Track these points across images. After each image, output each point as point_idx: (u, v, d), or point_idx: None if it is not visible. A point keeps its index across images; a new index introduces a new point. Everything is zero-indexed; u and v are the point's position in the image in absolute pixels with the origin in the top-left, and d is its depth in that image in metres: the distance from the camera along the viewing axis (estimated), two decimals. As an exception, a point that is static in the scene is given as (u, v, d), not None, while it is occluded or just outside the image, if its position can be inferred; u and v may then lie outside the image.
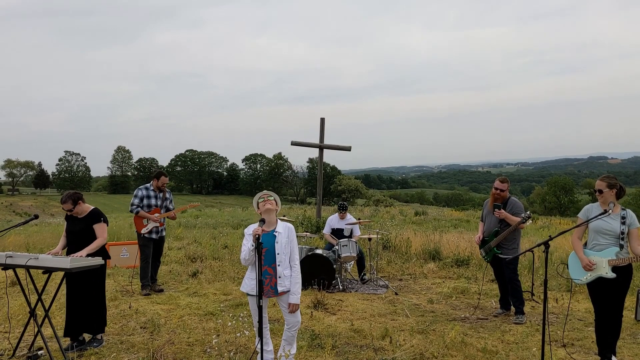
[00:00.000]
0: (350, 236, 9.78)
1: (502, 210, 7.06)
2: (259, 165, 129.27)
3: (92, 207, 5.96)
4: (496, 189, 7.21)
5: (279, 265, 4.82)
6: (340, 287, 8.87)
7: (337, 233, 9.87)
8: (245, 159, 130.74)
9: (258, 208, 4.93)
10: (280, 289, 4.82)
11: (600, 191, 5.15)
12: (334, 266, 8.76)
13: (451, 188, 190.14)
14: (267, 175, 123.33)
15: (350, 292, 8.74)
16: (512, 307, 7.29)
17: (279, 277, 4.82)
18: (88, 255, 5.53)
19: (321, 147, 16.47)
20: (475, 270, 10.48)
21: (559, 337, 6.09)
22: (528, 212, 6.94)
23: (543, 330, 4.80)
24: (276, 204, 4.95)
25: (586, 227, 5.26)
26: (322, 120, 16.56)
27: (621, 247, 5.05)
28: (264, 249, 4.79)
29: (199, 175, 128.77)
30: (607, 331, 5.14)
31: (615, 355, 5.21)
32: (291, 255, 4.92)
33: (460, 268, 10.89)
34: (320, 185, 17.03)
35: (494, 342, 5.98)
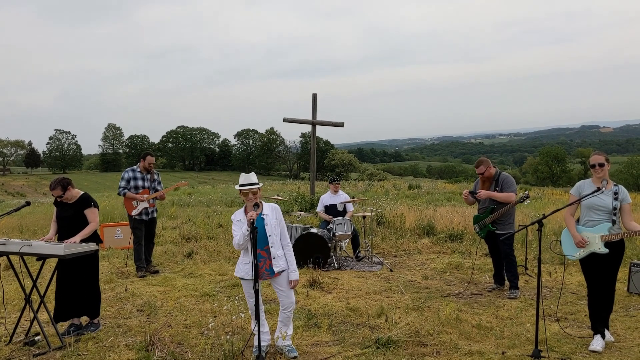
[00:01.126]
0: (343, 212, 9.79)
1: (481, 192, 7.15)
2: (251, 141, 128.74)
3: (82, 192, 5.89)
4: (478, 174, 7.27)
5: (272, 247, 4.84)
6: (336, 265, 8.91)
7: (331, 209, 9.87)
8: (238, 135, 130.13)
9: (240, 193, 4.88)
10: (276, 269, 4.84)
11: (602, 165, 5.10)
12: (329, 245, 8.79)
13: (444, 160, 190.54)
14: (259, 151, 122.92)
15: (346, 270, 8.79)
16: (506, 281, 7.37)
17: (274, 258, 4.83)
18: (82, 241, 5.50)
19: (314, 124, 16.39)
20: (469, 245, 10.54)
21: (552, 312, 6.16)
22: (527, 192, 6.96)
23: (537, 306, 4.84)
24: (258, 188, 4.91)
25: (578, 203, 5.27)
26: (314, 95, 16.45)
27: (613, 222, 5.08)
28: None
29: (191, 151, 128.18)
30: (600, 305, 5.19)
31: (608, 329, 5.27)
32: (282, 235, 4.94)
33: (454, 243, 10.95)
34: (314, 162, 16.99)
35: (489, 317, 6.04)
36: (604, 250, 5.05)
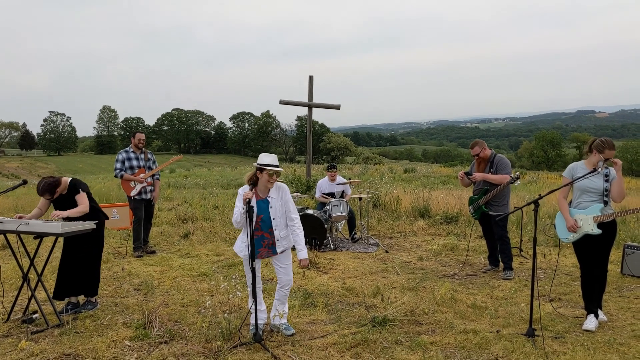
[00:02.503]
0: (342, 195, 9.81)
1: (475, 174, 7.17)
2: (247, 124, 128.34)
3: (70, 180, 5.82)
4: (473, 155, 7.29)
5: (275, 230, 4.87)
6: (332, 247, 8.95)
7: (329, 195, 9.88)
8: (233, 118, 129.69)
9: (261, 172, 4.79)
10: (279, 249, 4.88)
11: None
12: (325, 226, 8.82)
13: (440, 144, 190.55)
14: (255, 134, 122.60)
15: (342, 251, 8.83)
16: (500, 263, 7.43)
17: (277, 240, 4.88)
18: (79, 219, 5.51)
19: (310, 106, 16.34)
20: (464, 227, 10.60)
21: (546, 292, 6.22)
22: (517, 174, 6.98)
23: (532, 286, 4.89)
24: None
25: (571, 186, 5.31)
26: (311, 78, 16.38)
27: (605, 203, 5.13)
28: (259, 216, 4.81)
29: (187, 134, 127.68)
30: (594, 286, 5.25)
31: (601, 309, 5.33)
32: (288, 214, 4.93)
33: (450, 225, 11.01)
34: (310, 145, 16.98)
35: (483, 298, 6.10)
36: (597, 231, 5.10)
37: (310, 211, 8.93)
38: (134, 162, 8.38)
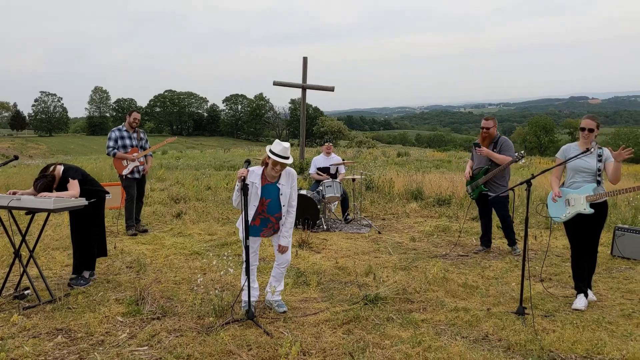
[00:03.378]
0: (335, 175, 9.81)
1: (483, 148, 7.14)
2: (240, 107, 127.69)
3: (62, 169, 5.75)
4: (482, 127, 7.28)
5: (283, 216, 4.88)
6: (325, 227, 8.97)
7: (323, 172, 9.88)
8: (226, 100, 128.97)
9: (269, 157, 4.71)
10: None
11: (592, 130, 5.18)
12: (318, 207, 8.83)
13: (433, 129, 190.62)
14: (248, 117, 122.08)
15: (335, 231, 8.85)
16: (492, 244, 7.53)
17: (282, 224, 4.91)
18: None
19: (304, 88, 16.26)
20: (457, 209, 10.65)
21: (537, 273, 6.27)
22: (523, 152, 7.01)
23: (523, 265, 4.93)
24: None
25: (564, 166, 5.34)
26: (305, 59, 16.28)
27: (598, 183, 5.16)
28: (267, 200, 4.80)
29: (179, 116, 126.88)
30: (583, 266, 5.30)
31: (591, 289, 5.39)
32: (290, 201, 4.92)
33: (442, 207, 11.06)
34: (304, 127, 16.93)
35: (474, 277, 6.14)
36: (589, 210, 5.13)
37: (303, 191, 8.93)
38: (127, 141, 8.33)
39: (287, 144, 4.74)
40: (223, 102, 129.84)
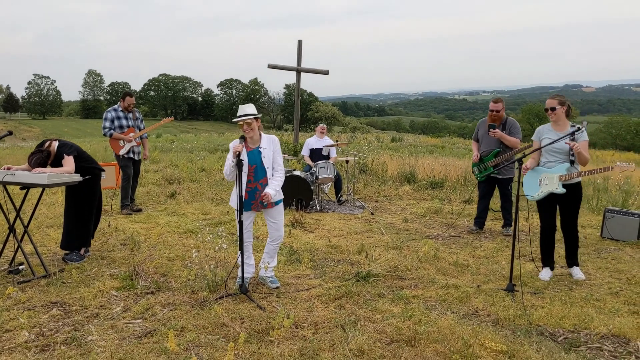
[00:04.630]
0: (327, 157, 9.85)
1: (497, 130, 7.15)
2: (234, 91, 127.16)
3: (57, 145, 5.74)
4: (491, 110, 7.28)
5: (269, 179, 4.90)
6: (318, 208, 9.02)
7: (316, 153, 9.91)
8: (221, 84, 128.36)
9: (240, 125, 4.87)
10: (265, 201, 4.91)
11: (554, 109, 5.28)
12: (312, 187, 8.87)
13: (427, 116, 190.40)
14: (242, 101, 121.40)
15: (328, 212, 8.90)
16: (485, 226, 7.61)
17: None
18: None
19: (298, 71, 16.23)
20: (449, 192, 10.72)
21: (527, 253, 6.35)
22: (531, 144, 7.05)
23: (513, 243, 4.99)
24: (256, 120, 4.89)
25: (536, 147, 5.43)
26: (300, 42, 16.24)
27: (572, 162, 5.24)
28: (252, 166, 4.84)
29: (173, 100, 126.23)
30: (551, 242, 5.49)
31: (577, 265, 5.50)
32: (275, 165, 4.96)
33: (435, 190, 11.12)
34: (298, 111, 16.92)
35: (466, 256, 6.21)
36: (561, 190, 5.22)
37: (297, 172, 8.97)
38: (123, 122, 8.32)
39: (247, 105, 4.90)
40: (217, 87, 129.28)
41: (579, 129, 5.19)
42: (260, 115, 4.94)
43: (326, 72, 16.48)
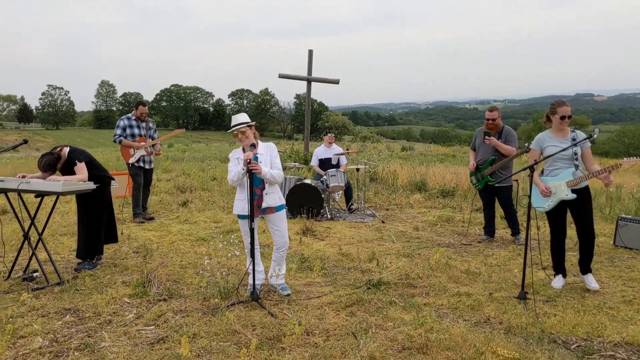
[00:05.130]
0: (337, 166, 9.87)
1: (492, 138, 7.18)
2: (245, 101, 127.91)
3: (68, 151, 5.80)
4: (487, 119, 7.31)
5: (266, 184, 4.93)
6: (328, 216, 9.03)
7: (326, 163, 9.93)
8: (232, 95, 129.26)
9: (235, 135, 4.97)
10: (264, 205, 4.93)
11: (570, 117, 5.22)
12: (322, 196, 8.89)
13: (438, 125, 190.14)
14: (253, 111, 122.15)
15: (338, 220, 8.91)
16: (496, 234, 7.59)
17: (266, 194, 4.93)
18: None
19: (309, 80, 16.32)
20: (461, 201, 10.69)
21: (539, 261, 6.31)
22: (527, 145, 7.03)
23: (525, 251, 4.97)
24: (250, 127, 4.95)
25: (541, 154, 5.35)
26: (310, 52, 16.34)
27: (576, 167, 5.18)
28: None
29: (185, 110, 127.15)
30: (562, 250, 5.43)
31: (591, 272, 5.41)
32: (273, 166, 4.97)
33: (446, 198, 11.10)
34: (308, 119, 17.00)
35: (477, 264, 6.19)
36: (571, 195, 5.16)
37: (307, 181, 8.99)
38: (135, 130, 8.40)
39: (239, 114, 4.97)
40: (229, 97, 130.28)
41: (590, 136, 5.15)
42: (254, 123, 5.00)
43: (336, 82, 16.56)
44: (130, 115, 8.53)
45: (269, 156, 4.99)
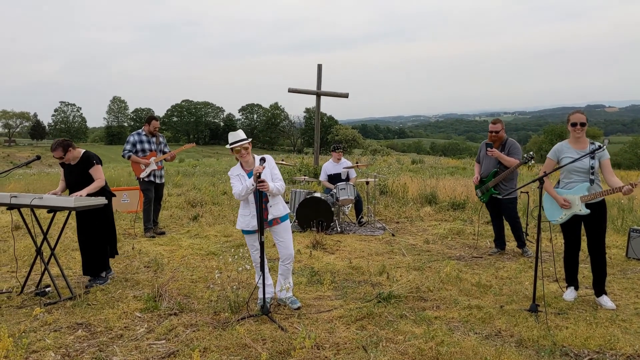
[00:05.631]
0: (347, 179, 9.87)
1: (494, 150, 7.18)
2: (255, 116, 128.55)
3: (83, 151, 5.90)
4: (491, 131, 7.32)
5: (269, 197, 4.95)
6: (338, 229, 9.03)
7: (334, 178, 9.92)
8: (242, 109, 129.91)
9: (232, 152, 5.01)
10: (270, 217, 4.95)
11: (583, 124, 5.17)
12: (332, 209, 8.90)
13: (448, 137, 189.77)
14: (263, 126, 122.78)
15: (348, 234, 8.91)
16: (506, 246, 7.55)
17: (270, 207, 4.96)
18: (89, 195, 5.61)
19: (318, 94, 16.37)
20: (471, 213, 10.65)
21: (551, 274, 6.27)
22: (531, 153, 7.02)
23: (535, 264, 4.95)
24: (248, 143, 4.98)
25: (557, 165, 5.29)
26: (320, 66, 16.42)
27: (592, 182, 5.10)
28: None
29: (196, 125, 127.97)
30: (575, 262, 5.38)
31: (606, 294, 5.27)
32: (273, 177, 5.00)
33: (456, 211, 11.06)
34: (318, 133, 17.05)
35: (488, 277, 6.16)
36: (585, 211, 5.09)
37: (317, 194, 9.01)
38: (146, 145, 8.47)
39: (236, 132, 5.03)
40: (239, 112, 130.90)
41: (600, 147, 5.12)
42: (250, 140, 5.04)
43: (346, 95, 16.61)
44: (140, 130, 8.60)
45: (269, 168, 5.02)
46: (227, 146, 5.01)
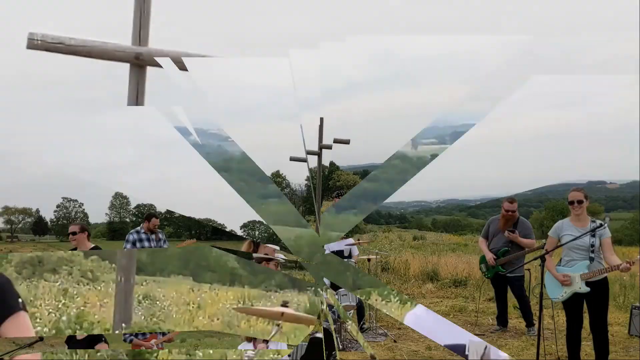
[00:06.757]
0: (349, 256, 9.85)
1: (516, 235, 7.08)
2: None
3: (92, 246, 5.99)
4: (507, 210, 7.18)
5: None
6: (340, 347, 8.72)
7: (337, 255, 9.84)
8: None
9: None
10: None
11: (581, 201, 5.15)
12: (335, 336, 8.50)
13: (449, 214, 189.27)
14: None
15: (350, 351, 8.63)
16: (509, 324, 7.50)
17: None
18: None
19: (321, 148, 15.95)
20: (473, 290, 10.61)
21: (553, 351, 6.22)
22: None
23: (538, 342, 4.95)
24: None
25: (558, 243, 5.28)
26: (322, 120, 16.11)
27: (591, 260, 5.07)
28: None
29: (197, 220, 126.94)
30: (578, 342, 5.34)
31: None
32: None
33: (458, 288, 11.03)
34: (320, 192, 16.65)
35: (490, 355, 6.10)
36: (585, 289, 5.07)
37: (319, 335, 8.53)
38: (146, 244, 8.27)
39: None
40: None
41: (601, 224, 5.12)
42: None
43: (347, 142, 16.31)
44: (139, 228, 8.43)
45: None
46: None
